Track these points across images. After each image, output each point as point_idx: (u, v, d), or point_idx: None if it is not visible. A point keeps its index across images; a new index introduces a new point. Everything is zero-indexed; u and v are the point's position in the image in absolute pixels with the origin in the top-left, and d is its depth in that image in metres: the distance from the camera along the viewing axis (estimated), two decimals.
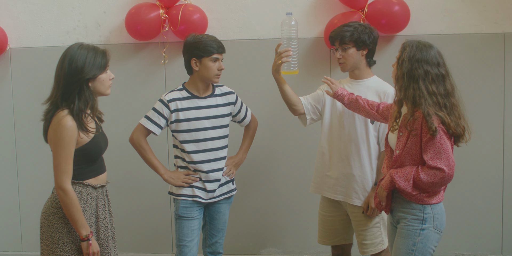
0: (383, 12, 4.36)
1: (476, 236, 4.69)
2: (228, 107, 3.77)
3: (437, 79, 2.88)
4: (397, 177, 2.91)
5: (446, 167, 2.81)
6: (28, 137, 4.91)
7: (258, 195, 4.84)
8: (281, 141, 4.74)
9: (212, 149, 3.67)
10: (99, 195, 3.03)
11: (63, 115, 2.81)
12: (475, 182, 4.65)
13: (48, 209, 2.95)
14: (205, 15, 4.60)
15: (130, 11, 4.58)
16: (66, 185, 2.84)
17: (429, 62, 2.88)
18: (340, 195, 3.65)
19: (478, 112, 4.55)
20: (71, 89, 2.83)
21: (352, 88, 3.62)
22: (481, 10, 4.50)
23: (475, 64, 4.54)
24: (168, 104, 3.62)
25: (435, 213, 2.96)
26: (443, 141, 2.82)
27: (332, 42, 3.59)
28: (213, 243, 3.87)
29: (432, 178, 2.83)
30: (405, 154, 2.93)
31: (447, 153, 2.82)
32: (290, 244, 4.88)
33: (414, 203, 2.95)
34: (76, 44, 2.92)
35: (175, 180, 3.66)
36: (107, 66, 2.94)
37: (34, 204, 4.94)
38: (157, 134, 3.69)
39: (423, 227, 2.93)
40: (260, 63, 4.69)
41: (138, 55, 4.78)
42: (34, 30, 4.86)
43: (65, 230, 2.90)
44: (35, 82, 4.85)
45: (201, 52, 3.56)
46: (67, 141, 2.80)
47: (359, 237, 3.67)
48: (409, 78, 2.88)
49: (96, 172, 3.03)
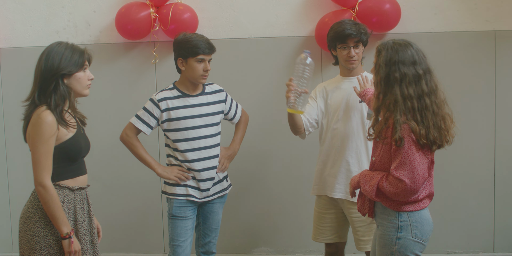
0: (374, 10, 4.35)
1: (468, 234, 4.70)
2: (219, 105, 3.76)
3: (414, 80, 2.72)
4: (363, 181, 2.85)
5: (408, 179, 2.65)
6: (18, 138, 4.76)
7: (250, 194, 4.83)
8: (273, 140, 4.73)
9: (205, 147, 3.66)
10: (77, 197, 2.95)
11: (42, 110, 2.78)
12: (467, 180, 4.65)
13: (25, 214, 2.90)
14: (195, 14, 4.59)
15: (120, 11, 4.56)
16: (46, 181, 2.78)
17: (406, 63, 2.72)
18: (339, 192, 3.64)
19: (470, 110, 4.57)
20: (47, 85, 2.81)
21: (345, 85, 3.64)
22: (472, 8, 4.51)
23: (466, 62, 4.55)
24: (158, 103, 3.60)
25: (413, 221, 2.80)
26: (410, 152, 2.66)
27: (345, 40, 3.53)
28: (206, 243, 3.85)
29: (394, 189, 2.70)
30: (379, 161, 2.84)
31: (412, 165, 2.66)
32: (283, 243, 4.87)
33: (390, 210, 2.82)
34: (56, 42, 2.92)
35: (169, 174, 3.64)
36: (85, 65, 2.91)
37: (24, 205, 4.92)
38: (147, 134, 3.68)
39: (398, 235, 2.79)
40: (251, 62, 4.69)
41: (128, 54, 4.76)
42: (23, 30, 4.83)
43: (42, 234, 2.84)
44: (24, 82, 4.70)
45: (187, 52, 3.55)
46: (47, 136, 2.76)
47: (357, 234, 3.65)
48: (386, 83, 2.74)
49: (74, 173, 2.95)
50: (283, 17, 4.66)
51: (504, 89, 4.56)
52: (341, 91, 3.64)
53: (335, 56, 3.69)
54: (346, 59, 3.57)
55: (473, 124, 4.57)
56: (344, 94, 3.62)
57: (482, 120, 4.60)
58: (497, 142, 4.60)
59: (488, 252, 4.69)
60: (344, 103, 3.61)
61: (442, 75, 4.44)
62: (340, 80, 3.69)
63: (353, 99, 3.59)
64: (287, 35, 4.62)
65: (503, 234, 4.67)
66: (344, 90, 3.63)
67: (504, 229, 4.66)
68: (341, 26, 3.55)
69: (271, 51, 4.68)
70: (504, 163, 4.61)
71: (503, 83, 4.55)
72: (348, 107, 3.60)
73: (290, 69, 4.56)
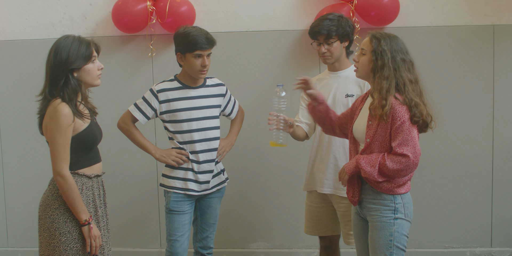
0: (372, 3, 4.33)
1: (466, 229, 4.69)
2: (219, 99, 3.75)
3: (410, 66, 2.97)
4: (363, 163, 2.93)
5: (411, 154, 2.84)
6: (13, 131, 4.86)
7: (246, 189, 4.82)
8: (270, 134, 4.69)
9: (205, 140, 3.65)
10: (94, 184, 3.06)
11: (57, 102, 2.86)
12: (464, 175, 4.64)
13: (44, 202, 2.97)
14: (193, 7, 4.56)
15: (116, 3, 4.53)
16: (65, 171, 2.87)
17: (403, 51, 2.97)
18: (327, 188, 3.66)
19: (468, 104, 4.56)
20: (58, 80, 2.89)
21: (331, 80, 3.67)
22: (470, 2, 4.50)
23: (464, 56, 4.54)
24: (157, 94, 3.60)
25: (405, 203, 3.00)
26: (411, 129, 2.87)
27: (315, 37, 3.61)
28: (204, 238, 3.84)
29: (398, 165, 2.86)
30: (375, 142, 2.96)
31: (413, 141, 2.86)
32: (280, 238, 4.85)
33: (384, 194, 2.98)
34: (63, 36, 2.98)
35: (166, 158, 3.64)
36: (93, 56, 2.97)
37: (19, 199, 4.92)
38: (143, 123, 3.70)
39: (396, 216, 2.97)
40: (248, 55, 4.67)
41: (125, 47, 4.73)
42: (19, 22, 4.79)
43: (61, 220, 2.91)
44: (20, 75, 4.80)
45: (184, 48, 3.54)
46: (64, 127, 2.84)
47: (345, 228, 3.68)
48: (390, 68, 2.92)
49: (90, 161, 3.05)
50: (281, 11, 4.63)
51: (502, 84, 4.54)
52: (327, 87, 3.68)
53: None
54: (319, 55, 3.65)
55: (471, 119, 4.57)
56: (330, 89, 3.65)
57: (480, 115, 4.58)
58: (495, 137, 4.59)
59: (485, 247, 4.69)
60: (331, 98, 3.63)
61: (440, 69, 4.52)
62: (326, 75, 3.74)
63: (340, 94, 3.62)
64: (285, 29, 4.59)
65: (501, 229, 4.66)
66: (330, 85, 3.67)
67: (502, 224, 4.66)
68: (316, 21, 3.63)
69: (269, 45, 4.65)
70: (502, 158, 4.61)
71: (501, 77, 4.54)
72: (334, 102, 3.62)
73: (288, 63, 4.57)
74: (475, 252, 4.68)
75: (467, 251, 4.69)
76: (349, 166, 3.02)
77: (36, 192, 4.73)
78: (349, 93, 3.60)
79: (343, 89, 3.62)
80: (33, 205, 4.65)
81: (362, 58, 3.03)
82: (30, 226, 4.40)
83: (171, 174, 3.69)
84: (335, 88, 3.63)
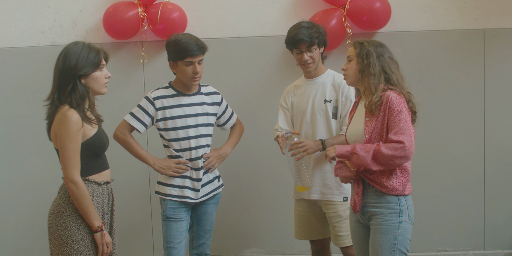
0: (364, 9, 4.35)
1: (459, 232, 4.71)
2: (213, 107, 3.74)
3: (397, 66, 3.04)
4: (358, 148, 2.92)
5: (407, 141, 2.83)
6: (4, 140, 4.77)
7: (240, 195, 4.80)
8: (262, 140, 4.69)
9: (195, 148, 3.64)
10: (104, 191, 3.05)
11: (66, 109, 2.86)
12: (457, 178, 4.67)
13: (55, 209, 2.95)
14: (184, 13, 4.55)
15: (107, 10, 4.51)
16: (77, 178, 2.86)
17: (388, 51, 3.04)
18: (315, 194, 3.69)
19: (459, 108, 4.59)
20: (65, 85, 2.90)
21: (309, 87, 3.71)
22: (460, 6, 4.54)
23: (455, 60, 4.57)
24: (154, 101, 3.59)
25: (409, 205, 3.00)
26: (408, 119, 2.89)
27: (296, 45, 3.60)
28: (200, 245, 3.82)
29: (392, 151, 2.83)
30: (374, 137, 2.97)
31: (409, 131, 2.86)
32: (273, 244, 4.84)
33: (389, 196, 2.96)
34: (73, 42, 2.99)
35: (166, 170, 3.62)
36: (101, 64, 2.98)
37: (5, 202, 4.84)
38: (141, 132, 3.66)
39: (400, 219, 2.95)
40: (240, 61, 4.66)
41: (116, 54, 4.67)
42: (8, 30, 4.75)
43: (74, 227, 2.90)
44: (10, 83, 4.73)
45: (175, 56, 3.54)
46: (74, 134, 2.84)
47: (335, 229, 3.68)
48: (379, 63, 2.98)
49: (99, 167, 3.04)
50: (273, 16, 4.64)
51: (493, 87, 4.58)
52: (305, 94, 3.72)
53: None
54: (301, 63, 3.65)
55: (462, 122, 4.60)
56: (309, 96, 3.69)
57: (472, 119, 4.61)
58: (486, 140, 4.62)
59: (478, 250, 4.71)
60: (309, 105, 3.67)
61: (432, 73, 4.54)
62: (303, 83, 3.77)
63: (318, 101, 3.66)
64: (277, 34, 4.57)
65: (493, 231, 4.69)
66: (308, 93, 3.71)
67: (494, 226, 4.69)
68: (293, 30, 3.63)
69: (260, 51, 4.66)
70: (494, 161, 4.64)
71: (492, 81, 4.58)
72: (313, 109, 3.66)
73: (280, 69, 4.57)
74: (468, 254, 4.70)
75: (460, 254, 4.71)
76: (342, 147, 2.99)
77: (26, 202, 4.69)
78: (327, 99, 3.64)
79: (321, 96, 3.66)
80: (23, 215, 4.59)
81: (349, 65, 3.07)
82: (20, 236, 4.35)
83: (167, 181, 3.66)
84: (313, 95, 3.67)
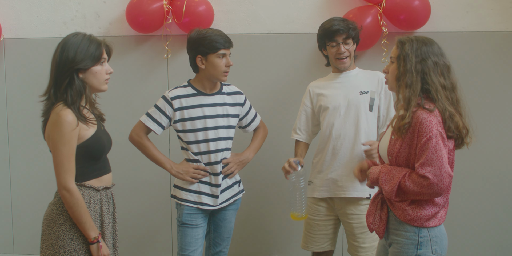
0: (402, 6, 4.14)
1: (496, 247, 4.46)
2: (236, 108, 3.57)
3: (445, 70, 2.64)
4: (383, 181, 2.65)
5: (433, 176, 2.48)
6: (22, 133, 4.79)
7: (263, 199, 4.66)
8: (289, 141, 4.48)
9: (214, 151, 3.47)
10: (103, 198, 2.87)
11: (60, 108, 2.66)
12: (498, 192, 4.41)
13: (49, 216, 2.77)
14: (211, 7, 4.42)
15: (131, 2, 4.41)
16: (71, 185, 2.67)
17: (435, 53, 2.65)
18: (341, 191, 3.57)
19: (503, 116, 4.35)
20: (62, 80, 2.70)
21: (340, 81, 3.64)
22: (507, 6, 4.29)
23: (498, 64, 4.32)
24: (171, 101, 3.42)
25: (433, 236, 2.64)
26: (438, 147, 2.51)
27: (333, 37, 3.54)
28: (216, 252, 3.68)
29: (418, 188, 2.52)
30: (399, 159, 2.65)
31: (440, 161, 2.50)
32: (297, 252, 4.63)
33: (408, 225, 2.64)
34: (73, 33, 2.79)
35: (184, 175, 3.47)
36: (102, 58, 2.77)
37: (26, 205, 4.84)
38: (158, 134, 3.51)
39: (418, 252, 2.62)
40: (268, 58, 4.52)
41: (139, 48, 4.60)
42: (30, 20, 4.71)
43: (67, 237, 2.72)
44: (30, 75, 4.74)
45: (207, 49, 3.38)
46: (68, 137, 2.64)
47: (357, 241, 3.55)
48: (417, 71, 2.61)
49: (99, 172, 2.85)
50: (305, 12, 4.47)
51: None
52: (337, 89, 3.62)
53: (326, 56, 3.71)
54: (336, 57, 3.58)
55: (505, 129, 4.35)
56: (341, 89, 3.60)
57: None
58: None
59: None
60: (342, 99, 3.57)
61: (473, 78, 4.30)
62: (332, 78, 3.69)
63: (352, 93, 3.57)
64: (309, 32, 4.40)
65: None
66: (339, 86, 3.63)
67: None
68: (328, 23, 3.59)
69: (290, 48, 4.50)
70: None
71: None
72: (348, 102, 3.56)
73: (310, 68, 4.39)
74: None
75: None
76: (373, 174, 2.73)
77: (43, 197, 4.62)
78: (363, 90, 3.55)
79: (356, 87, 3.57)
80: (40, 211, 4.53)
81: (390, 67, 2.76)
82: (36, 232, 4.28)
83: (184, 186, 3.51)
84: (346, 87, 3.60)
